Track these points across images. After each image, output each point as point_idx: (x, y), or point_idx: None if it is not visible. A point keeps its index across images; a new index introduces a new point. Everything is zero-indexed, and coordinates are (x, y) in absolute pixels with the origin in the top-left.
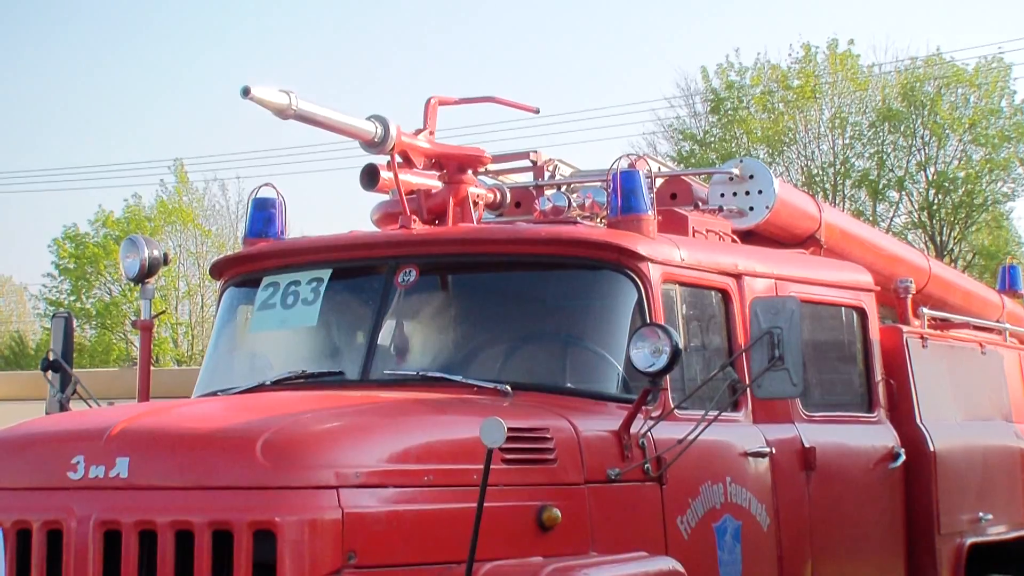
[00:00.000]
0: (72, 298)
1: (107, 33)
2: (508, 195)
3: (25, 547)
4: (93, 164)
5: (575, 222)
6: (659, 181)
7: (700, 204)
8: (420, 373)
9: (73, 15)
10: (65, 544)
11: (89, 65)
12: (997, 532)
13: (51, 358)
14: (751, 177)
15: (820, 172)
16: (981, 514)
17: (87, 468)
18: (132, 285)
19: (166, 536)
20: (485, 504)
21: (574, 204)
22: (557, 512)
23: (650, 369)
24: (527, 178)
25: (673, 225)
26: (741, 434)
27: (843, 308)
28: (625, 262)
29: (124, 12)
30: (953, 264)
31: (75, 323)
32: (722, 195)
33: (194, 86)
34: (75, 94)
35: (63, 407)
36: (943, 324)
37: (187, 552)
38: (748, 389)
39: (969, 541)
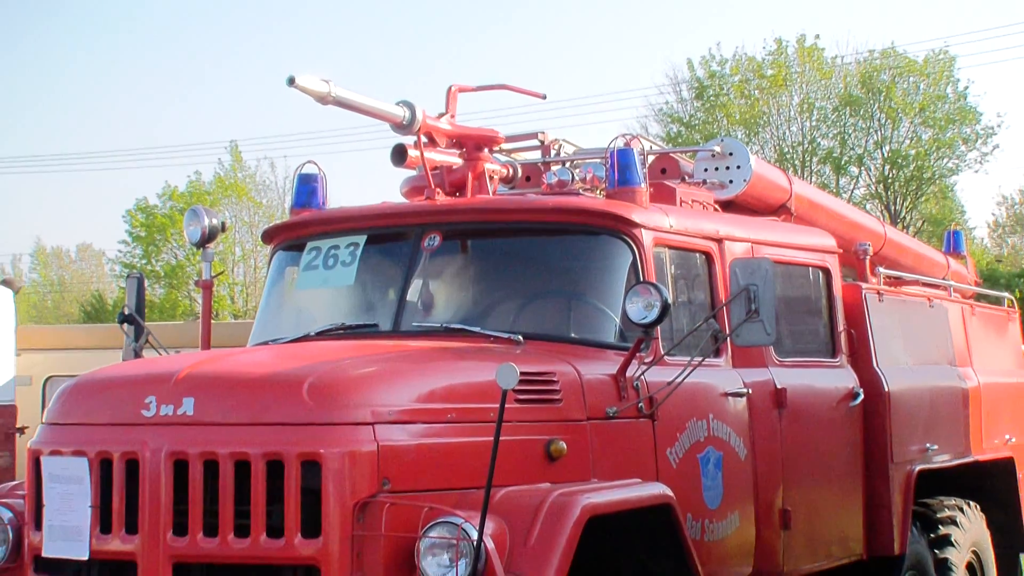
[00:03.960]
0: (143, 261)
1: (171, 33)
2: (519, 170)
3: (107, 474)
4: (161, 146)
5: (578, 194)
6: (651, 158)
7: (686, 178)
8: (444, 325)
9: (147, 17)
10: (141, 472)
11: (156, 60)
12: (942, 460)
13: (126, 313)
14: (731, 154)
15: (790, 150)
16: (928, 445)
17: (158, 407)
18: (195, 250)
19: (226, 465)
20: (500, 438)
21: (577, 178)
22: (563, 445)
23: (643, 321)
24: (536, 155)
25: (663, 196)
26: (722, 377)
27: (810, 268)
28: (621, 228)
29: (190, 16)
30: (905, 230)
31: (146, 283)
32: (705, 170)
33: (246, 78)
34: (146, 86)
35: (137, 355)
36: (897, 281)
37: (244, 479)
38: (728, 338)
39: (918, 468)
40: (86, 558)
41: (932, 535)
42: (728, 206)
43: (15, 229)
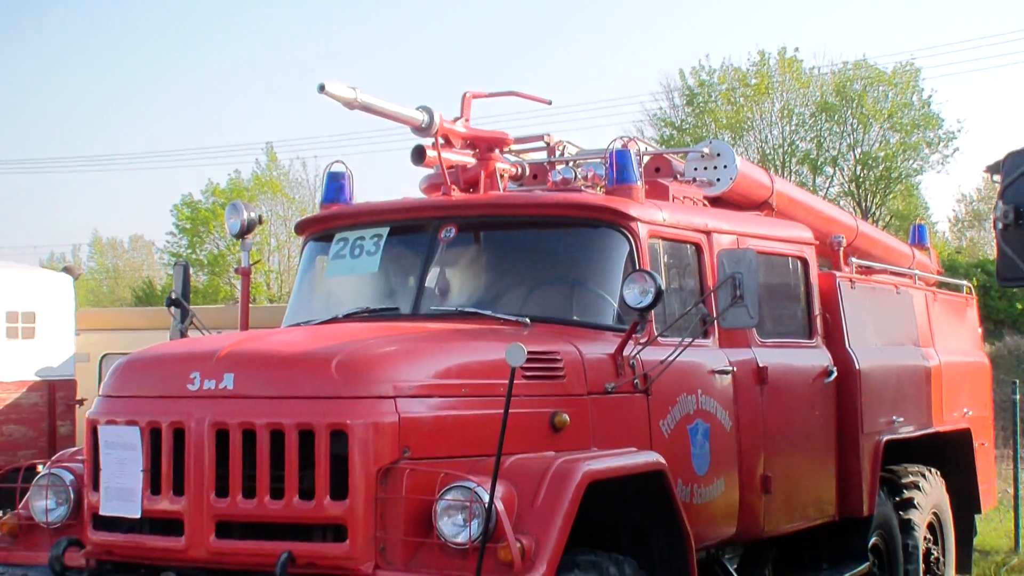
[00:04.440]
0: (189, 251)
1: (214, 47)
2: (527, 169)
3: (156, 442)
4: (204, 147)
5: (580, 190)
6: (646, 158)
7: (678, 176)
8: (458, 309)
9: (193, 36)
10: (186, 440)
11: (201, 71)
12: (906, 431)
13: (173, 297)
14: (718, 155)
15: (772, 152)
16: (895, 418)
17: (202, 382)
18: (234, 240)
19: (263, 435)
20: (509, 411)
21: (579, 176)
22: (566, 417)
23: (639, 305)
24: (542, 156)
25: (657, 193)
26: (710, 356)
27: (790, 258)
28: (619, 222)
29: (230, 33)
30: (875, 224)
31: (191, 270)
32: (695, 169)
33: (280, 86)
34: (192, 93)
35: (183, 335)
36: (867, 270)
37: (279, 446)
38: (715, 321)
39: (885, 438)
40: (138, 516)
41: (897, 498)
42: (716, 202)
43: (75, 221)
